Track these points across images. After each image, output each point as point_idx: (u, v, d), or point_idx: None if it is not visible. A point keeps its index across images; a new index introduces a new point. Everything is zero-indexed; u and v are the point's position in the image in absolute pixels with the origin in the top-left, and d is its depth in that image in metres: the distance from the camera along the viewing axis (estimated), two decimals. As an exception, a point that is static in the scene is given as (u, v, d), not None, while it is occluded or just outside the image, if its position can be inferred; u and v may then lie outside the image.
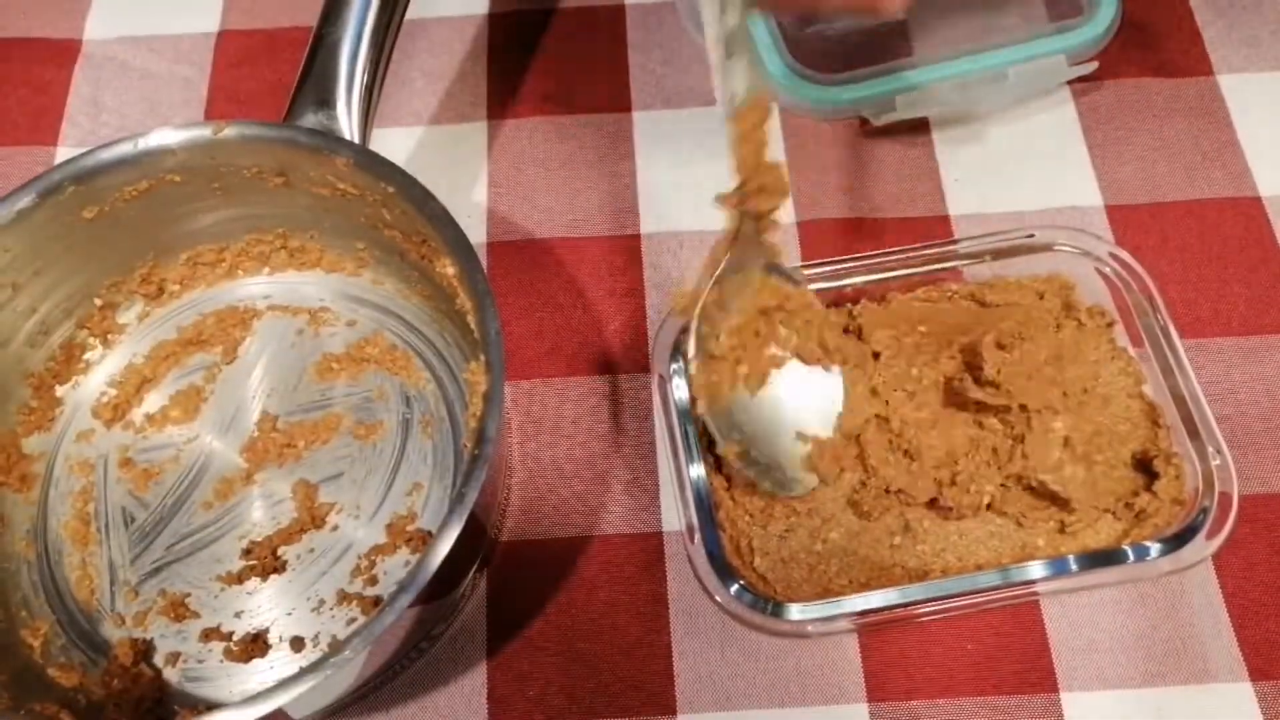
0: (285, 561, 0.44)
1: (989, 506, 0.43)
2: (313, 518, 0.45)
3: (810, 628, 0.40)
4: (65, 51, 0.58)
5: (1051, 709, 0.41)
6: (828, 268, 0.47)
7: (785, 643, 0.43)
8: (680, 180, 0.53)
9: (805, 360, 0.43)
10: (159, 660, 0.43)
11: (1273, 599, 0.43)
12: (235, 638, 0.43)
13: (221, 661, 0.42)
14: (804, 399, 0.43)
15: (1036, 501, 0.43)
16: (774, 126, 0.38)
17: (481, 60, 0.57)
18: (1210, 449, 0.41)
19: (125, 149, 0.43)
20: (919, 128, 0.54)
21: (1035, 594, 0.43)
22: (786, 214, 0.52)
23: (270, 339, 0.49)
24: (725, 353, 0.42)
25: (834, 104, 0.53)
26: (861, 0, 0.38)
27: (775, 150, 0.39)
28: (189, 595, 0.44)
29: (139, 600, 0.44)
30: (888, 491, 0.43)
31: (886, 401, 0.44)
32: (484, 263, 0.51)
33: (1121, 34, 0.54)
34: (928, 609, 0.41)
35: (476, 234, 0.52)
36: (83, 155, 0.43)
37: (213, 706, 0.39)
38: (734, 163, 0.39)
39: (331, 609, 0.43)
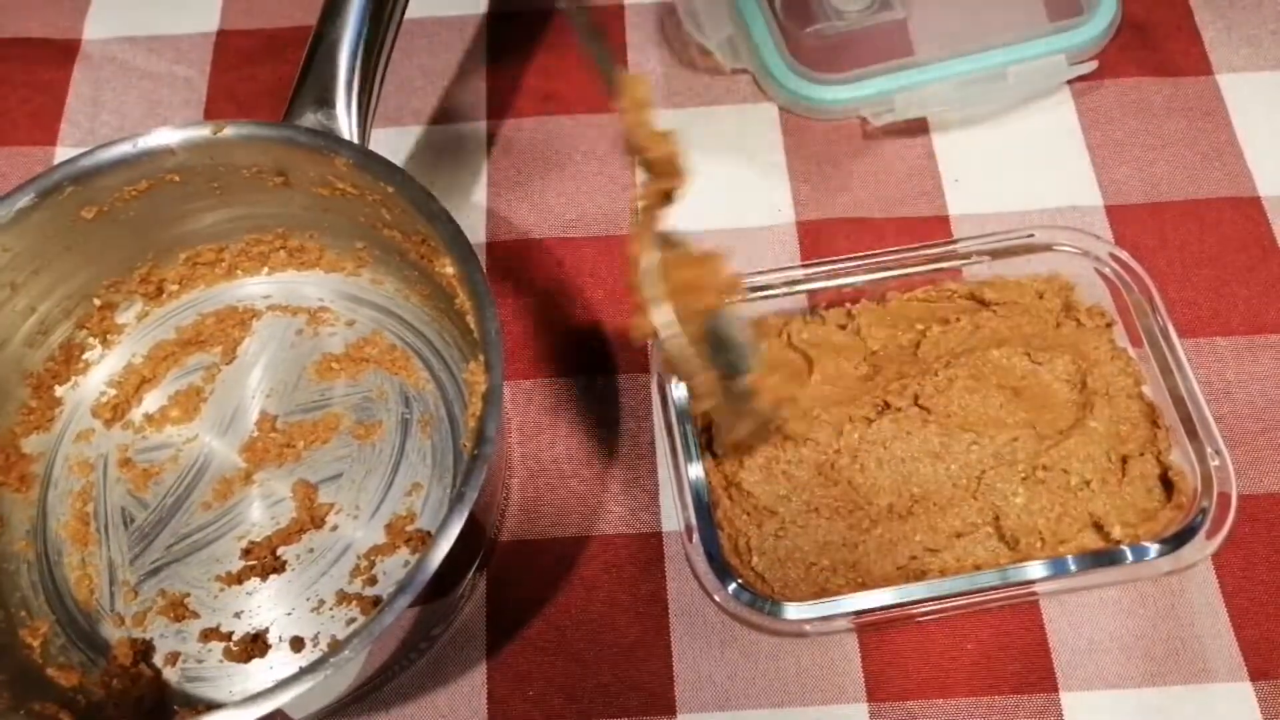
0: (285, 562, 0.44)
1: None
2: (312, 518, 0.44)
3: (808, 627, 0.40)
4: (65, 51, 0.58)
5: (1051, 709, 0.41)
6: (827, 267, 0.47)
7: (785, 643, 0.43)
8: (680, 180, 0.53)
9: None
10: (158, 660, 0.43)
11: (1272, 599, 0.43)
12: (235, 638, 0.43)
13: (221, 662, 0.42)
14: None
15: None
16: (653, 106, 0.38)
17: (481, 60, 0.57)
18: (1209, 449, 0.41)
19: (124, 149, 0.43)
20: (918, 128, 0.54)
21: (1034, 594, 0.43)
22: (786, 214, 0.52)
23: (270, 339, 0.49)
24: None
25: (834, 104, 0.53)
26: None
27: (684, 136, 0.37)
28: (188, 595, 0.44)
29: (138, 600, 0.44)
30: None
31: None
32: (483, 262, 0.51)
33: (1121, 34, 0.54)
34: (926, 609, 0.41)
35: (476, 234, 0.52)
36: (82, 155, 0.43)
37: (212, 706, 0.39)
38: (629, 144, 0.38)
39: (331, 609, 0.43)
